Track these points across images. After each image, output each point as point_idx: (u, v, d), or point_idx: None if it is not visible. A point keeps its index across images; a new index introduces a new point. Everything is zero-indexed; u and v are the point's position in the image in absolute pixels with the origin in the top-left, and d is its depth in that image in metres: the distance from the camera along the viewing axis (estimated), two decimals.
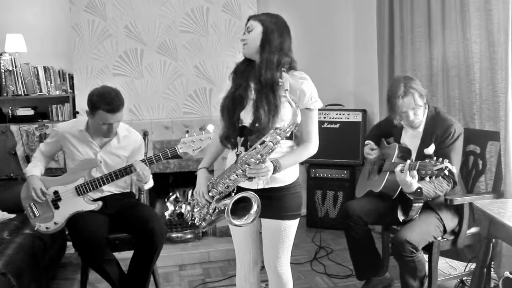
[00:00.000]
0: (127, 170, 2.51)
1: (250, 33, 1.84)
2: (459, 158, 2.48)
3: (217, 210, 1.83)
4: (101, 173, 2.59)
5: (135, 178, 2.54)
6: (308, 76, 1.85)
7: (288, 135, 1.74)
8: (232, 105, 1.86)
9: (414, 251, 2.31)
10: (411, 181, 2.26)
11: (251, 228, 2.00)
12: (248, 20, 1.89)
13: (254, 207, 1.75)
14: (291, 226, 1.91)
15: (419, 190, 2.30)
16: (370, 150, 2.73)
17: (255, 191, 1.79)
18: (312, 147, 1.86)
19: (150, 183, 2.64)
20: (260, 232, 2.01)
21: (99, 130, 2.56)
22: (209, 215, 1.86)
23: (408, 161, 2.29)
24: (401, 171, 2.28)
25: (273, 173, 1.75)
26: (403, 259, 2.34)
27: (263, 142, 1.71)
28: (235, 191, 1.82)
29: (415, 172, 2.24)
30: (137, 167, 2.46)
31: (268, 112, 1.75)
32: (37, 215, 2.57)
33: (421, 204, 2.39)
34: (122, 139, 2.66)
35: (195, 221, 1.92)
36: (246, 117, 1.85)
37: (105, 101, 2.42)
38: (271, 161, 1.74)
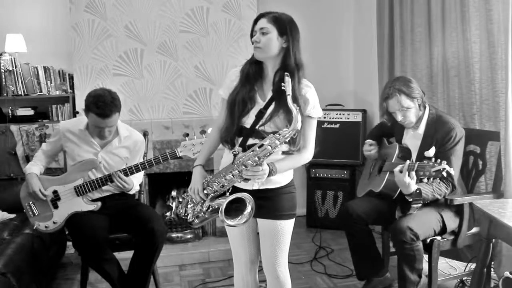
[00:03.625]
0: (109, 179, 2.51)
1: (265, 36, 1.76)
2: (459, 162, 2.48)
3: (211, 209, 1.83)
4: (101, 174, 2.59)
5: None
6: (312, 85, 1.84)
7: (287, 140, 1.73)
8: (242, 108, 1.84)
9: (415, 238, 2.31)
10: (409, 182, 2.26)
11: (247, 228, 1.99)
12: (259, 18, 1.80)
13: (248, 209, 1.76)
14: (287, 226, 1.91)
15: (417, 191, 2.31)
16: (369, 146, 2.75)
17: (250, 191, 1.79)
18: (307, 154, 1.86)
19: (135, 188, 2.67)
20: (258, 233, 2.01)
21: (93, 131, 2.57)
22: (202, 213, 1.85)
23: (408, 162, 2.29)
24: (400, 171, 2.29)
25: (268, 176, 1.76)
26: (403, 246, 2.33)
27: (262, 145, 1.72)
28: (230, 190, 1.82)
29: (413, 173, 2.25)
30: (115, 179, 2.48)
31: (288, 121, 1.74)
32: (36, 214, 2.57)
33: (420, 205, 2.39)
34: (124, 140, 2.66)
35: (188, 218, 1.91)
36: (247, 118, 1.85)
37: (97, 105, 2.41)
38: (267, 164, 1.75)
